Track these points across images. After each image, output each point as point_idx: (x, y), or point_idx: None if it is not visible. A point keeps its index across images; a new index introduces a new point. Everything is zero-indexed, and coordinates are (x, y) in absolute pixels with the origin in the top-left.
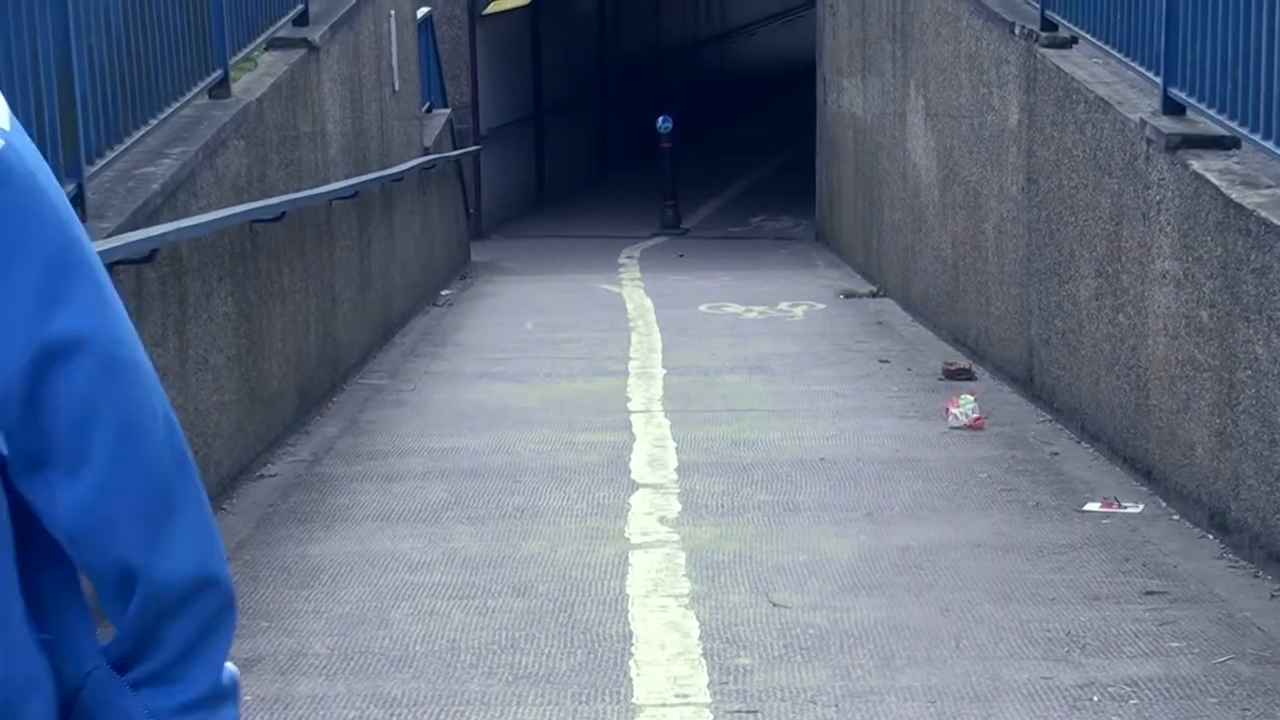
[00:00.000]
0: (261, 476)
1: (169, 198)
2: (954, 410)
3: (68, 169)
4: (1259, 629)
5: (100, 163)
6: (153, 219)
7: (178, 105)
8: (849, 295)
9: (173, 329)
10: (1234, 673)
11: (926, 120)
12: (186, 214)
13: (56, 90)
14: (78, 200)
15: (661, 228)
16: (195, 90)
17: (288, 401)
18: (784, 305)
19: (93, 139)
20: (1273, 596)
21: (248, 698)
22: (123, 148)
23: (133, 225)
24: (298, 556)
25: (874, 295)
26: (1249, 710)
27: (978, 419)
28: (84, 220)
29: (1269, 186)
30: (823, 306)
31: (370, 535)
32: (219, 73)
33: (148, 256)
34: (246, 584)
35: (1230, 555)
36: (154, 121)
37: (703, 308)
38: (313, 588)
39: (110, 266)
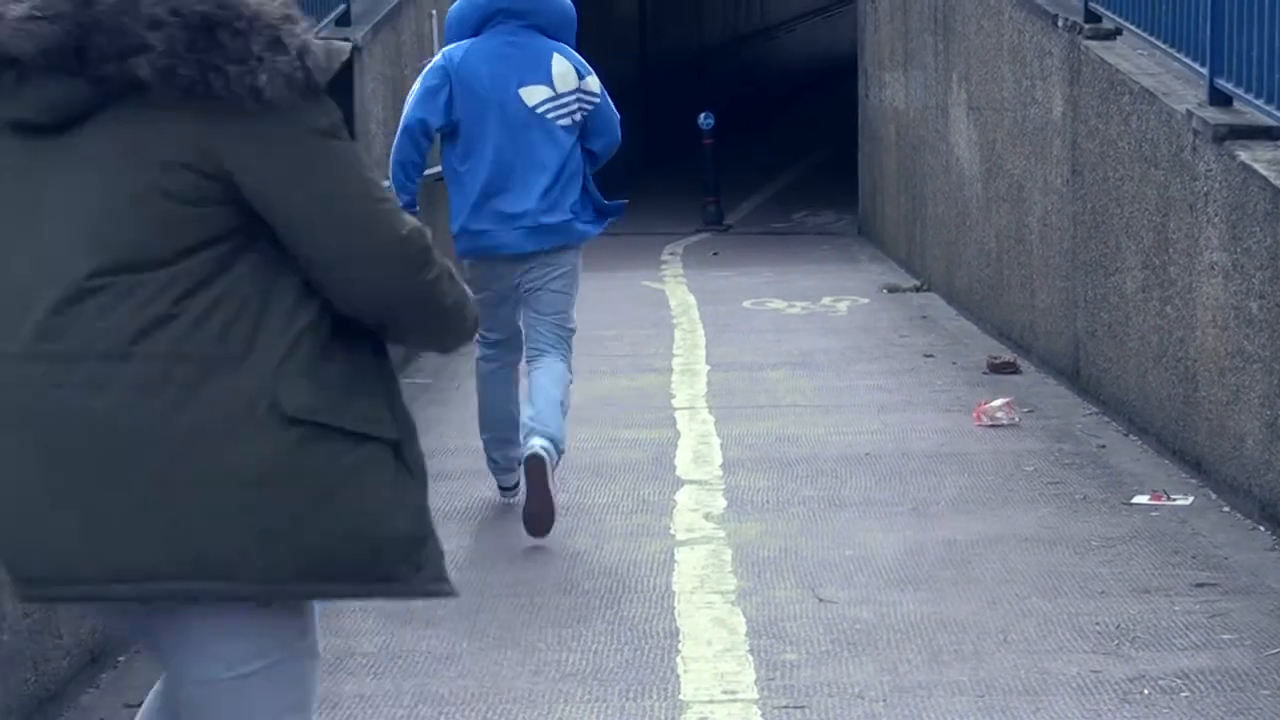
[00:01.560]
0: None
1: None
2: (983, 417)
3: None
4: None
5: None
6: None
7: None
8: (892, 290)
9: None
10: None
11: (969, 114)
12: None
13: None
14: None
15: (704, 224)
16: None
17: None
18: (827, 300)
19: None
20: None
21: None
22: None
23: None
24: None
25: (917, 290)
26: None
27: (1009, 422)
28: None
29: None
30: (866, 301)
31: None
32: None
33: None
34: None
35: None
36: None
37: (746, 303)
38: None
39: None
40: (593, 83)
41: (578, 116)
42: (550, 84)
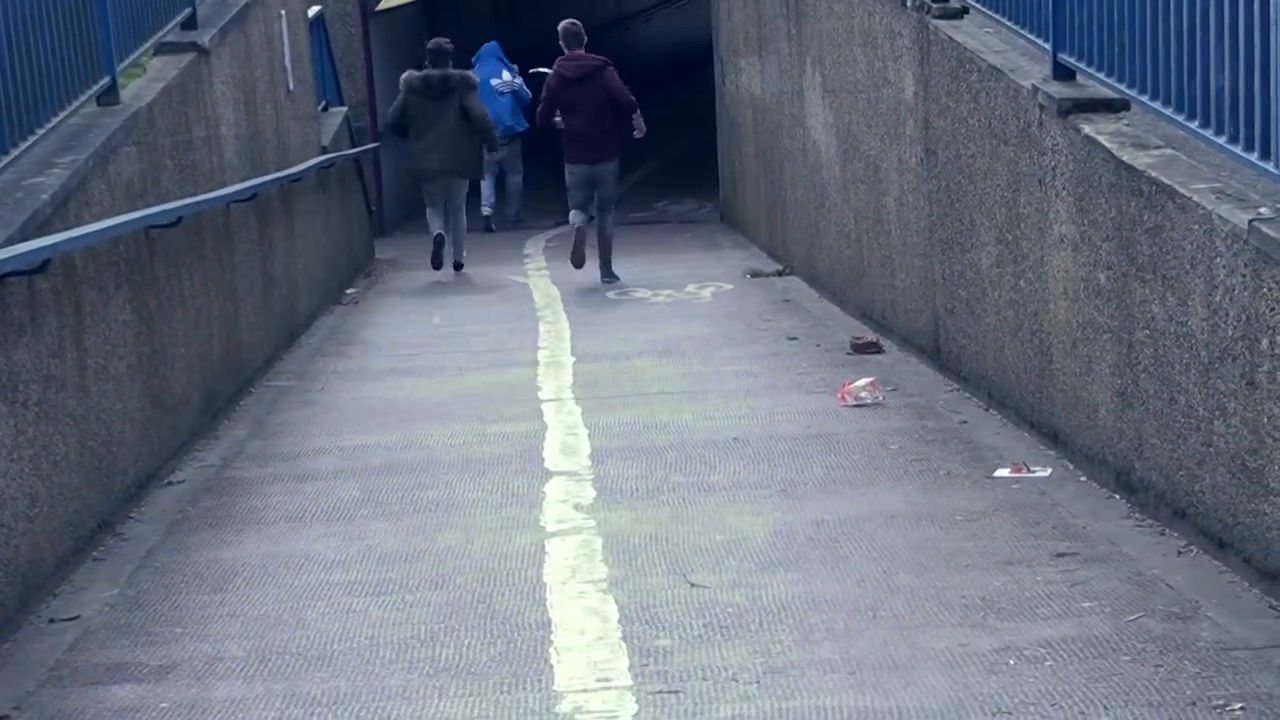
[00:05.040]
0: (170, 483)
1: (59, 207)
2: (847, 397)
3: None
4: (1168, 585)
5: None
6: (44, 229)
7: (65, 114)
8: (755, 275)
9: (70, 339)
10: (1145, 630)
11: (824, 96)
12: (79, 223)
13: None
14: None
15: (564, 216)
16: (83, 98)
17: (193, 407)
18: (691, 287)
19: None
20: (1179, 553)
21: (163, 704)
22: (9, 159)
23: (23, 236)
24: (210, 561)
25: (780, 274)
26: (1161, 666)
27: (873, 401)
28: None
29: (1158, 147)
30: (730, 287)
31: (283, 536)
32: (106, 79)
33: (40, 267)
34: (158, 591)
35: (1137, 514)
36: (41, 131)
37: (610, 294)
38: (227, 591)
39: (1, 278)
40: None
41: None
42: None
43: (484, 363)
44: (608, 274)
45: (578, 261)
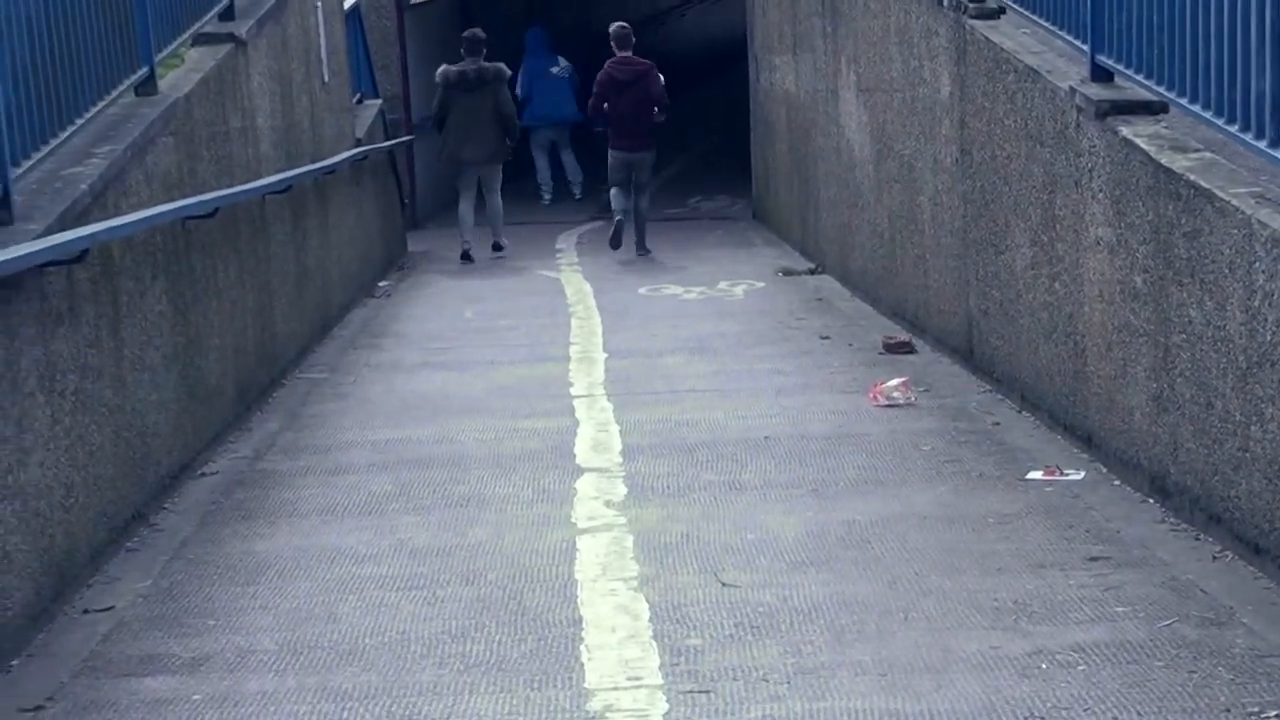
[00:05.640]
0: (203, 474)
1: (98, 197)
2: (879, 397)
3: None
4: (1202, 591)
5: (26, 164)
6: (82, 219)
7: (104, 104)
8: (788, 273)
9: (107, 329)
10: (1179, 635)
11: (859, 95)
12: (117, 213)
13: None
14: (4, 203)
15: (598, 211)
16: (121, 88)
17: (227, 398)
18: (723, 285)
19: (17, 141)
20: (1214, 558)
21: (196, 696)
22: (48, 149)
23: (61, 226)
24: (243, 553)
25: (812, 272)
26: (1195, 672)
27: (906, 402)
28: (11, 223)
29: (1197, 150)
30: (762, 285)
31: (315, 529)
32: (145, 70)
33: (78, 257)
34: (191, 583)
35: (1171, 519)
36: (80, 121)
37: (642, 290)
38: (259, 584)
39: (40, 269)
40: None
41: None
42: None
43: (516, 357)
44: (642, 249)
45: (615, 243)
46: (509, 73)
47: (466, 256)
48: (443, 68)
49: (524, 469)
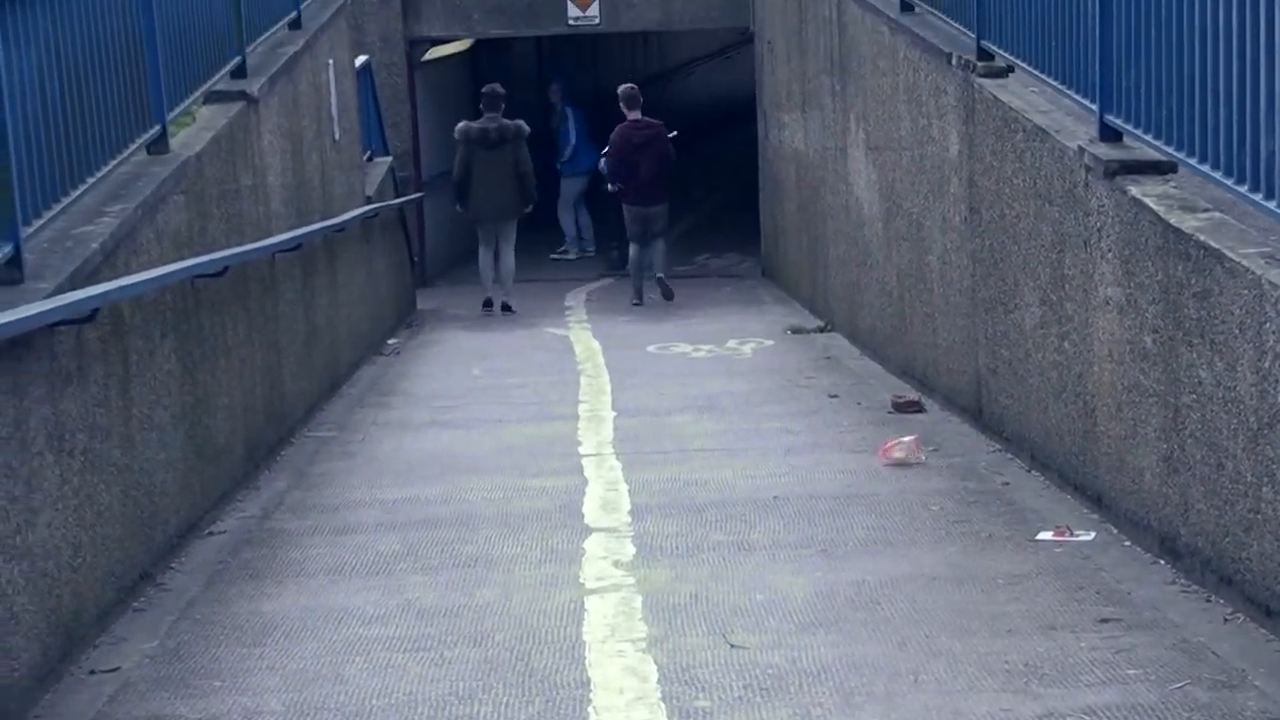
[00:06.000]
0: (211, 534)
1: (109, 256)
2: (888, 458)
3: (3, 231)
4: (1214, 653)
5: (37, 223)
6: (93, 278)
7: (116, 162)
8: (796, 331)
9: (116, 388)
10: (1191, 698)
11: (867, 153)
12: (127, 272)
13: None
14: (15, 262)
15: (607, 269)
16: (133, 147)
17: (235, 457)
18: (732, 343)
19: (29, 200)
20: (1225, 620)
21: None
22: (60, 208)
23: (72, 285)
24: (250, 613)
25: (821, 330)
26: None
27: (915, 461)
28: (22, 282)
29: (1206, 210)
30: (771, 343)
31: (323, 589)
32: (157, 129)
33: (89, 316)
34: (198, 643)
35: (1182, 580)
36: (92, 180)
37: (651, 348)
38: (266, 645)
39: (50, 328)
40: None
41: None
42: None
43: (524, 416)
44: (667, 292)
45: (639, 298)
46: (528, 130)
47: (488, 304)
48: (463, 124)
49: (532, 528)
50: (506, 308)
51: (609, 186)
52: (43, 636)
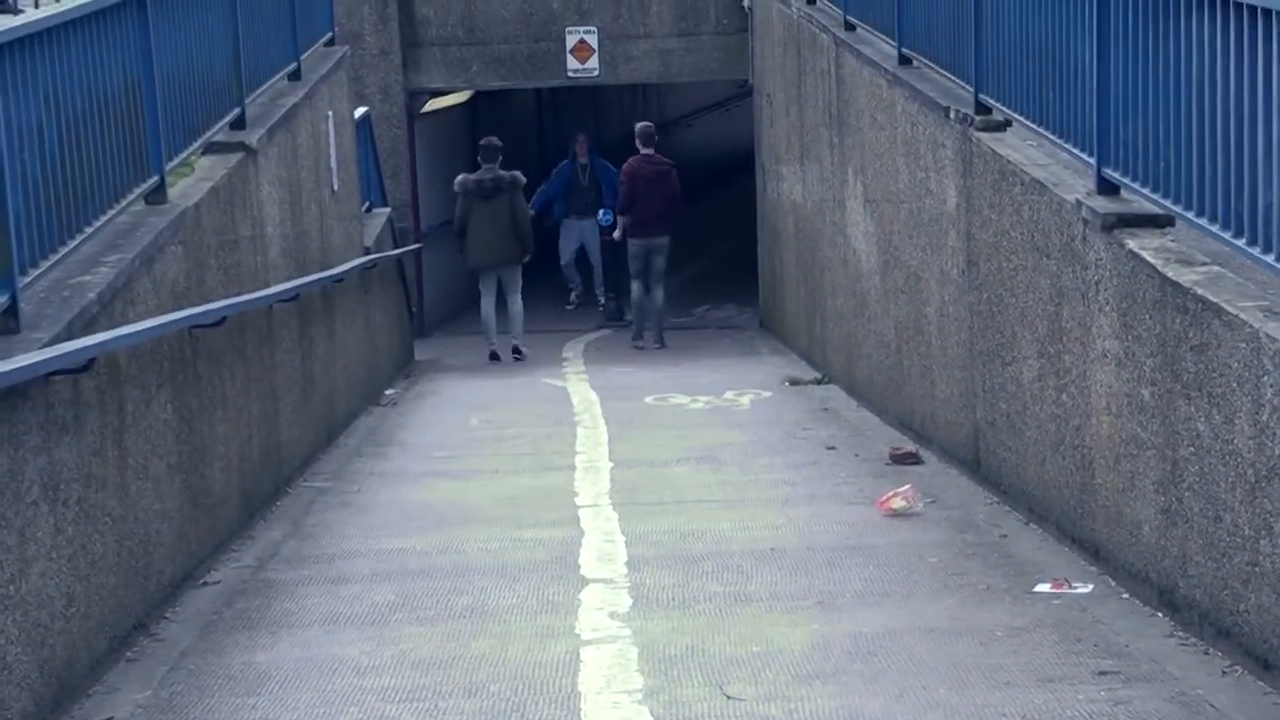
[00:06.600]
0: (205, 584)
1: (105, 306)
2: (886, 509)
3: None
4: (1212, 706)
5: (34, 273)
6: (89, 328)
7: (114, 213)
8: (794, 382)
9: (111, 438)
10: None
11: (865, 206)
12: (124, 322)
13: None
14: (11, 311)
15: (606, 320)
16: (131, 197)
17: (231, 507)
18: (730, 394)
19: (26, 249)
20: (1224, 673)
21: None
22: (57, 257)
23: (69, 335)
24: (244, 664)
25: (819, 382)
26: None
27: (911, 509)
28: (18, 331)
29: (1204, 263)
30: (768, 394)
31: (318, 640)
32: (155, 179)
33: (85, 366)
34: (192, 693)
35: (1180, 633)
36: (89, 230)
37: (648, 399)
38: (260, 695)
39: (46, 378)
40: None
41: None
42: None
43: (521, 466)
44: (657, 340)
45: (639, 336)
46: (524, 180)
47: (494, 357)
48: (461, 176)
49: (528, 579)
50: (517, 351)
51: (614, 235)
52: (35, 686)
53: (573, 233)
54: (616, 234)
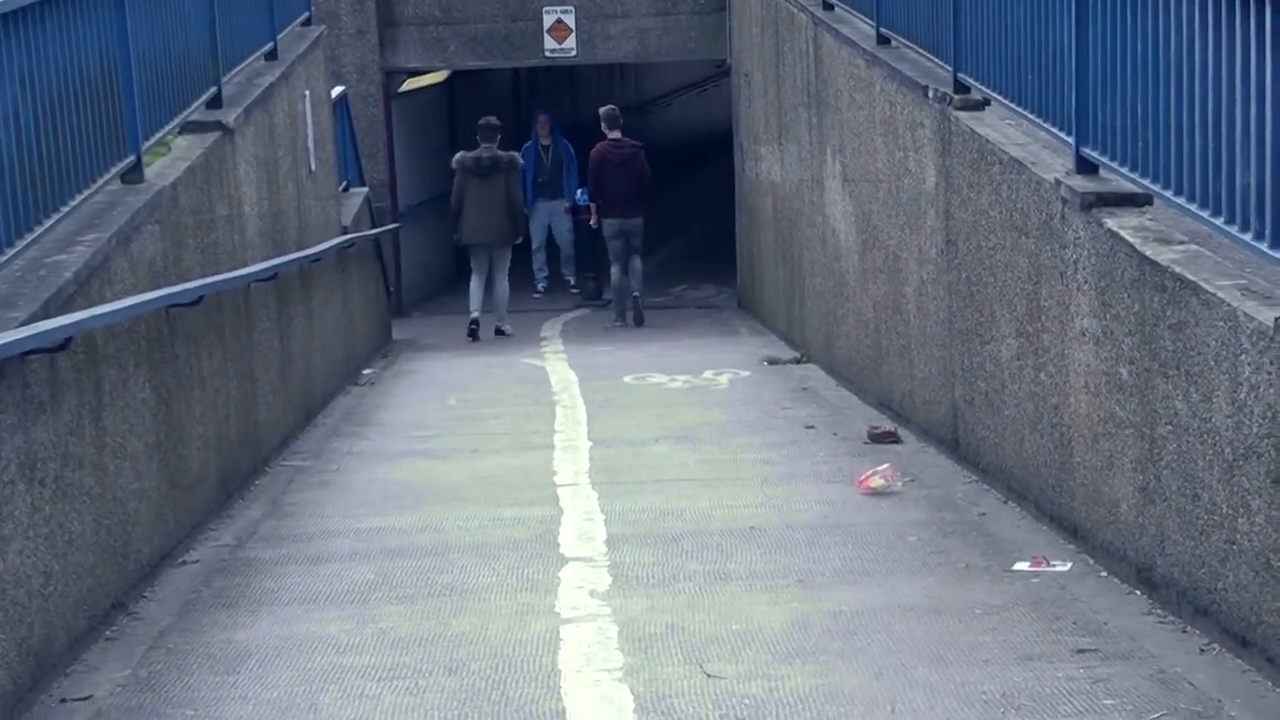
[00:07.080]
0: (184, 563)
1: (82, 285)
2: (865, 487)
3: None
4: (1190, 683)
5: (10, 252)
6: (66, 307)
7: (90, 192)
8: (773, 362)
9: (89, 417)
10: None
11: (844, 185)
12: (101, 301)
13: None
14: None
15: (583, 299)
16: (107, 176)
17: (209, 486)
18: (708, 374)
19: (1, 228)
20: (1201, 651)
21: None
22: (33, 236)
23: (45, 314)
24: (223, 643)
25: (798, 361)
26: None
27: (890, 487)
28: None
29: (1182, 242)
30: (747, 374)
31: (297, 618)
32: (131, 158)
33: (62, 345)
34: (171, 672)
35: (1158, 610)
36: (65, 209)
37: (627, 379)
38: (239, 674)
39: (22, 356)
40: None
41: None
42: None
43: (500, 446)
44: (638, 313)
45: (621, 316)
46: (521, 161)
47: (473, 335)
48: (459, 154)
49: (508, 558)
50: (500, 331)
51: (592, 221)
52: (13, 665)
53: (540, 216)
54: (593, 221)
